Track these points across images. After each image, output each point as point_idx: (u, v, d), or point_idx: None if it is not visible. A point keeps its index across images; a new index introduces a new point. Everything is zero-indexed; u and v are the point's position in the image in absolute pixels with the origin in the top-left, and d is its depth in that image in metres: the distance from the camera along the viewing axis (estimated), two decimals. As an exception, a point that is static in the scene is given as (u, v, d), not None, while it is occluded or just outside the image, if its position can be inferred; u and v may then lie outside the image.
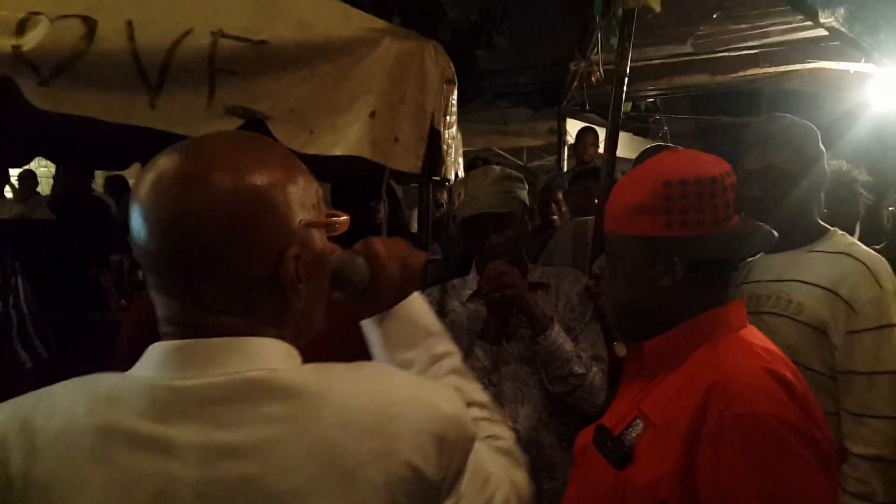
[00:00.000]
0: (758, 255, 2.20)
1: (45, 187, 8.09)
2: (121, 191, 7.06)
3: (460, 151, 2.72)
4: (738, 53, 5.08)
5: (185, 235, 0.88)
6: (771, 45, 4.86)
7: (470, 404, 1.17)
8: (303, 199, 0.97)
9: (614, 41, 2.94)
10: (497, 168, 2.40)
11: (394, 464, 0.89)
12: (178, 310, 0.93)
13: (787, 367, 1.34)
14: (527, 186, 2.40)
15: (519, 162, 9.13)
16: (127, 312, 2.19)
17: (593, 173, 4.41)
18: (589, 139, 6.75)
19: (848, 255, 2.08)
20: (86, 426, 0.86)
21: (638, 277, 1.45)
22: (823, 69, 4.99)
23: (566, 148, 7.33)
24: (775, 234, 1.48)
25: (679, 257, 1.39)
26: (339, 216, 1.05)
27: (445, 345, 1.29)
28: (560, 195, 4.77)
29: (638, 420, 1.39)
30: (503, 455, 1.18)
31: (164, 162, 0.92)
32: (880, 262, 2.07)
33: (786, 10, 3.90)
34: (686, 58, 5.19)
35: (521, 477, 1.19)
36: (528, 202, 2.37)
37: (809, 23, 4.07)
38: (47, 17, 1.99)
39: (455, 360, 1.29)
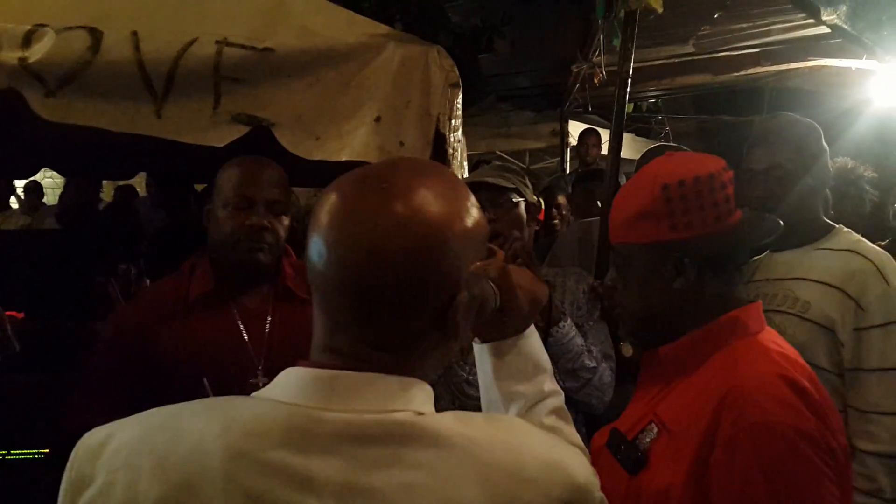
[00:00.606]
0: (764, 254, 2.22)
1: (50, 198, 8.13)
2: (129, 200, 7.07)
3: (465, 155, 2.73)
4: (740, 52, 5.09)
5: (372, 271, 0.87)
6: (772, 43, 4.87)
7: None
8: (476, 242, 0.97)
9: (616, 42, 2.94)
10: (499, 163, 2.42)
11: None
12: (342, 339, 0.92)
13: (805, 373, 1.34)
14: (529, 184, 2.39)
15: (521, 164, 9.12)
16: (108, 319, 2.19)
17: (597, 175, 4.42)
18: (591, 140, 6.76)
19: (855, 252, 2.08)
20: (218, 450, 0.83)
21: (650, 284, 1.45)
22: (825, 67, 5.00)
23: (569, 150, 7.34)
24: (780, 222, 1.48)
25: (688, 258, 1.40)
26: (497, 254, 1.08)
27: (552, 384, 1.28)
28: (561, 199, 4.77)
29: (653, 425, 1.39)
30: None
31: (352, 192, 0.92)
32: (887, 259, 2.08)
33: (786, 9, 3.90)
34: (688, 58, 5.20)
35: None
36: (528, 197, 2.35)
37: (810, 21, 4.08)
38: (53, 28, 2.01)
39: (559, 399, 1.28)
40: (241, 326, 2.05)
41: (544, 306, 2.18)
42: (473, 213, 0.97)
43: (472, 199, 0.99)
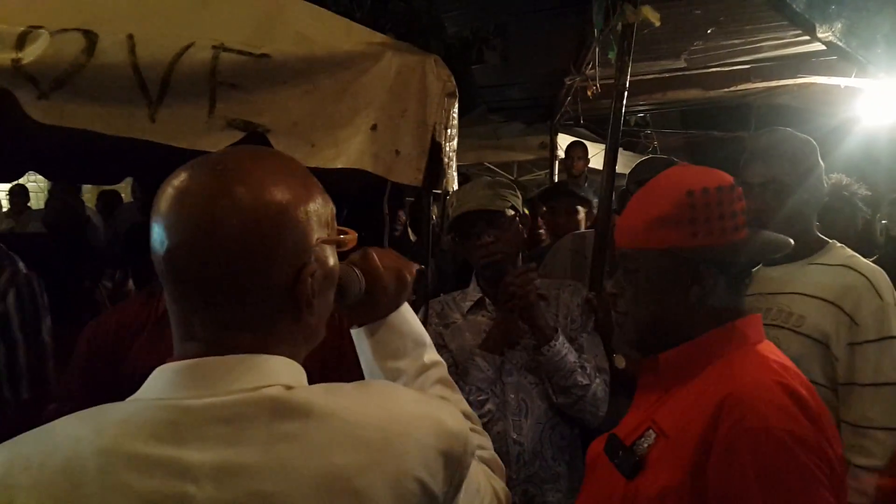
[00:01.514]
0: (757, 268, 2.23)
1: (34, 202, 8.05)
2: (113, 206, 7.04)
3: (455, 165, 2.73)
4: (730, 68, 5.12)
5: (209, 250, 0.88)
6: (762, 60, 4.90)
7: None
8: (320, 216, 0.98)
9: (611, 55, 2.95)
10: (487, 178, 2.44)
11: (402, 480, 0.91)
12: (197, 324, 0.92)
13: (802, 383, 1.35)
14: (519, 194, 2.41)
15: (509, 176, 9.15)
16: (82, 332, 2.15)
17: (559, 191, 4.47)
18: (577, 153, 6.78)
19: (849, 267, 2.09)
20: (93, 454, 0.83)
21: (664, 291, 1.45)
22: (813, 84, 5.04)
23: (557, 162, 7.35)
24: (791, 241, 1.50)
25: (706, 266, 1.40)
26: (348, 233, 1.07)
27: (432, 355, 1.32)
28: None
29: (650, 430, 1.40)
30: (486, 464, 1.21)
31: (188, 176, 0.93)
32: (881, 275, 2.09)
33: (778, 26, 3.93)
34: (679, 73, 5.22)
35: (501, 486, 1.22)
36: (520, 209, 2.38)
37: (801, 38, 4.12)
38: (47, 30, 1.98)
39: (442, 370, 1.32)
40: None
41: (535, 324, 2.21)
42: (312, 191, 0.99)
43: (311, 179, 1.01)
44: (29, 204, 7.75)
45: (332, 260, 1.03)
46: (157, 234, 0.91)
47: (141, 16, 2.09)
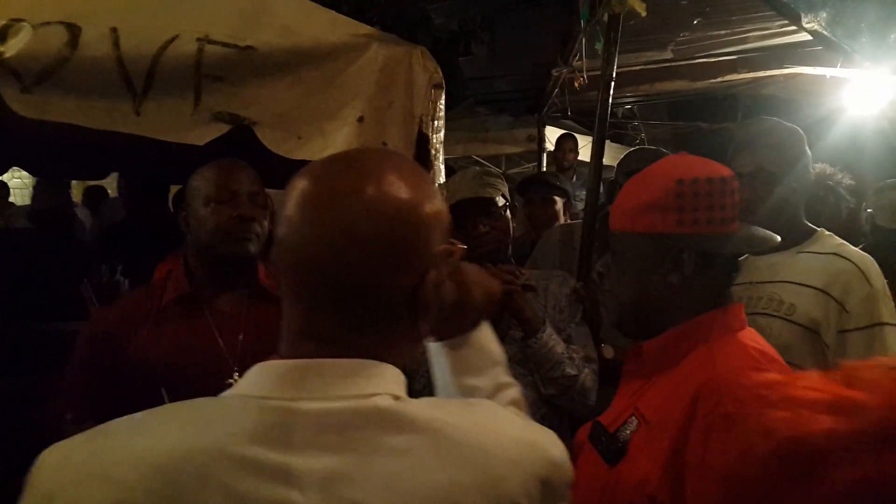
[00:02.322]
0: (744, 256, 2.24)
1: (17, 199, 7.99)
2: (99, 201, 6.99)
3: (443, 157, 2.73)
4: (717, 59, 5.13)
5: (347, 250, 0.88)
6: (749, 50, 4.91)
7: None
8: (442, 223, 0.98)
9: (598, 46, 2.95)
10: (475, 168, 2.44)
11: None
12: (320, 322, 0.91)
13: (781, 368, 1.36)
14: (506, 185, 2.41)
15: (498, 169, 9.15)
16: (88, 321, 2.14)
17: (538, 181, 4.47)
18: (568, 146, 6.79)
19: (838, 255, 2.10)
20: (194, 452, 0.81)
21: (646, 274, 1.47)
22: (799, 75, 5.05)
23: (545, 155, 7.36)
24: (778, 238, 1.51)
25: (688, 253, 1.42)
26: (456, 243, 1.07)
27: (507, 376, 1.30)
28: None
29: (633, 417, 1.42)
30: None
31: (326, 173, 0.93)
32: (870, 262, 2.10)
33: (765, 16, 3.94)
34: (666, 64, 5.23)
35: None
36: (508, 198, 2.38)
37: (787, 28, 4.13)
38: (30, 23, 1.95)
39: (515, 391, 1.29)
40: (216, 330, 2.03)
41: (522, 316, 2.21)
42: (438, 198, 0.99)
43: (435, 186, 1.00)
44: (11, 200, 7.68)
45: (445, 270, 1.02)
46: (290, 229, 0.91)
47: (124, 8, 2.07)
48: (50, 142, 2.59)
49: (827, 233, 2.21)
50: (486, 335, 1.29)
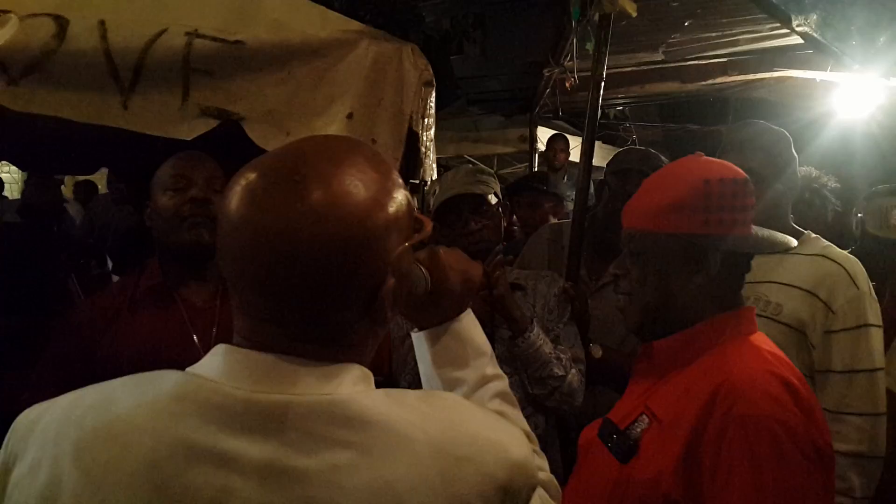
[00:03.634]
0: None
1: (8, 192, 7.94)
2: (89, 195, 6.97)
3: (434, 156, 2.72)
4: (708, 62, 5.15)
5: (288, 269, 0.83)
6: (739, 53, 4.93)
7: None
8: (400, 219, 0.93)
9: (589, 47, 2.96)
10: (467, 165, 2.44)
11: None
12: (264, 333, 0.88)
13: (793, 372, 1.37)
14: (498, 183, 2.41)
15: (490, 170, 9.14)
16: (57, 323, 2.13)
17: (524, 185, 4.48)
18: (559, 146, 6.81)
19: (825, 257, 2.12)
20: (142, 429, 0.82)
21: (670, 275, 1.47)
22: (790, 78, 5.07)
23: (537, 155, 7.37)
24: (794, 241, 1.55)
25: (713, 254, 1.43)
26: (425, 224, 1.02)
27: (493, 367, 1.26)
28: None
29: (644, 416, 1.42)
30: (545, 487, 1.12)
31: (266, 183, 0.86)
32: (856, 264, 2.12)
33: (756, 19, 3.96)
34: (657, 65, 5.24)
35: None
36: (500, 196, 2.37)
37: (777, 32, 4.15)
38: (16, 15, 1.94)
39: (503, 383, 1.25)
40: (189, 323, 2.02)
41: (510, 315, 2.20)
42: (395, 194, 0.93)
43: (394, 176, 0.95)
44: (5, 194, 7.64)
45: (407, 261, 0.98)
46: (229, 242, 0.87)
47: (113, 1, 2.06)
48: (39, 136, 2.57)
49: (813, 235, 2.23)
50: (469, 324, 1.25)
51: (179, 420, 0.82)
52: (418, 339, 1.26)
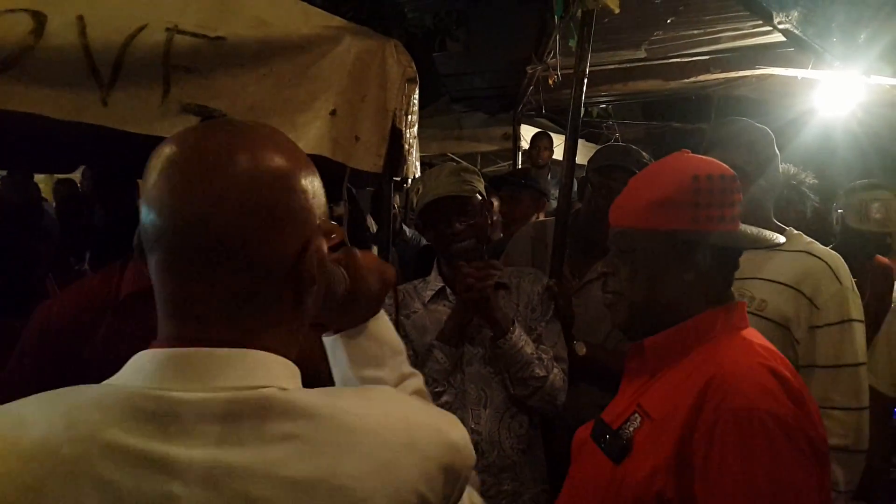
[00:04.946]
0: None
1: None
2: (68, 194, 6.89)
3: (418, 153, 2.71)
4: (690, 59, 5.16)
5: (219, 219, 0.83)
6: (721, 51, 4.95)
7: None
8: (318, 195, 0.94)
9: (572, 44, 2.95)
10: (451, 164, 2.43)
11: (402, 492, 0.87)
12: (192, 304, 0.86)
13: (786, 365, 1.38)
14: (482, 181, 2.40)
15: (474, 168, 9.14)
16: (32, 316, 2.06)
17: (506, 181, 4.48)
18: (543, 143, 6.82)
19: (808, 253, 2.14)
20: (63, 442, 0.77)
21: (660, 272, 1.47)
22: (771, 76, 5.09)
23: (520, 153, 7.37)
24: (782, 238, 1.56)
25: (703, 250, 1.43)
26: (335, 230, 1.01)
27: (408, 364, 1.27)
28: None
29: (636, 415, 1.42)
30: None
31: (192, 138, 0.88)
32: (839, 260, 2.14)
33: (738, 16, 3.97)
34: (639, 63, 5.25)
35: (479, 501, 1.19)
36: (485, 194, 2.37)
37: (759, 29, 4.16)
38: (-7, 10, 1.92)
39: (419, 380, 1.27)
40: None
41: (491, 317, 2.20)
42: (311, 167, 0.94)
43: (308, 160, 0.95)
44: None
45: (325, 248, 0.97)
46: (156, 203, 0.85)
47: (92, -4, 2.03)
48: (16, 133, 2.53)
49: (796, 231, 2.24)
50: (383, 324, 1.25)
51: (107, 428, 0.79)
52: (333, 342, 1.24)
